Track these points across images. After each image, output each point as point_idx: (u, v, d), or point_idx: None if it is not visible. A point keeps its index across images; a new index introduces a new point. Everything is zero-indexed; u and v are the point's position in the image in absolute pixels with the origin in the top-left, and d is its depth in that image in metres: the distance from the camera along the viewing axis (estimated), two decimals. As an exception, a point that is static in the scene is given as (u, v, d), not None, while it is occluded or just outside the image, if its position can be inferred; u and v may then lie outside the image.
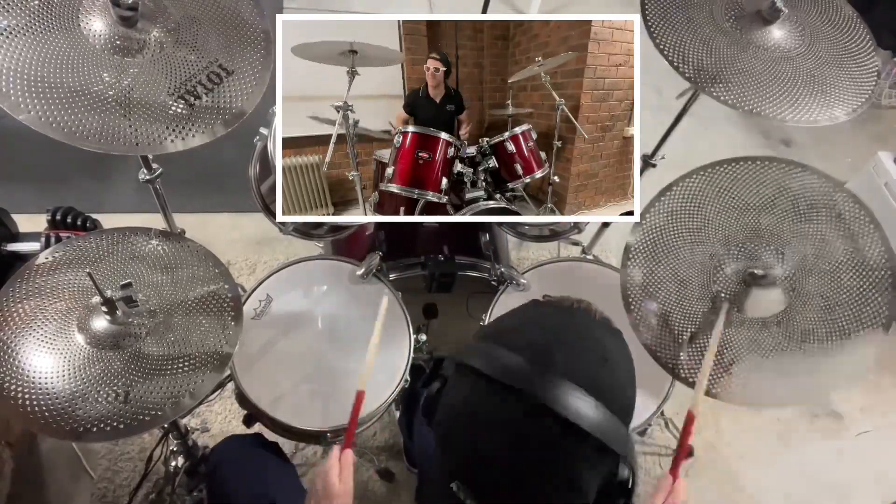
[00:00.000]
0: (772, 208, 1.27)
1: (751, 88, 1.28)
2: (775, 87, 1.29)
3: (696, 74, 1.29)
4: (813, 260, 1.22)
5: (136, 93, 1.11)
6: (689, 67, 1.30)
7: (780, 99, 1.28)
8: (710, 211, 1.30)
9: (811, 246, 1.23)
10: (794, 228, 1.25)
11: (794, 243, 1.23)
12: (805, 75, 1.30)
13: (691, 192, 1.32)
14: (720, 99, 1.27)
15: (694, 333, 1.24)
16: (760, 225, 1.26)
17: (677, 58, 1.30)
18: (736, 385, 1.20)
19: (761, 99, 1.28)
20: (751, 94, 1.28)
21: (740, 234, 1.27)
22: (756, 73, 1.30)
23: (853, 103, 1.29)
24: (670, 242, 1.30)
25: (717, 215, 1.29)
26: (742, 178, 1.30)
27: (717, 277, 1.25)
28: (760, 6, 1.33)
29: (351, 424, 1.09)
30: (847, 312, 1.19)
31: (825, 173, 1.29)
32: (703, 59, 1.30)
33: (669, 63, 1.29)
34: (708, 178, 1.32)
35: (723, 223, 1.28)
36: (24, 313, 1.08)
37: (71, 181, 2.32)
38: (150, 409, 1.03)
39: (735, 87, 1.28)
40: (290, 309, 1.46)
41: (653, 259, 1.30)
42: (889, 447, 2.20)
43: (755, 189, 1.29)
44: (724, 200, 1.30)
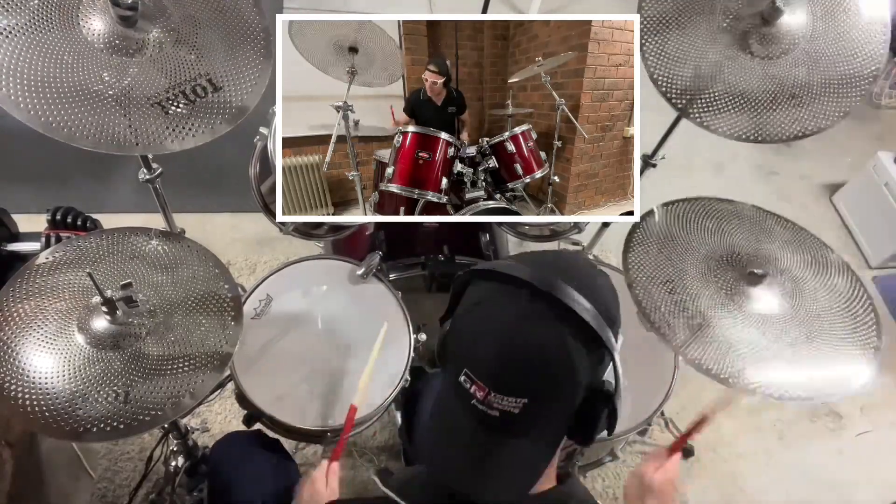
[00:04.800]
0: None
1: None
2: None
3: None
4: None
5: (136, 92, 1.11)
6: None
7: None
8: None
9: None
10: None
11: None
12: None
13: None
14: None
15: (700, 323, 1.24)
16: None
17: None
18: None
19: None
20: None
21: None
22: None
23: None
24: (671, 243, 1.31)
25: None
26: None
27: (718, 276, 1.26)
28: (760, 6, 1.33)
29: (341, 439, 1.14)
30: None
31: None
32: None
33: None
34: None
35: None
36: (24, 313, 1.08)
37: (71, 181, 2.32)
38: (150, 409, 1.03)
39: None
40: (290, 309, 1.46)
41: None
42: (889, 447, 2.20)
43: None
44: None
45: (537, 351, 0.73)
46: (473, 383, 0.74)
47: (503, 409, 0.73)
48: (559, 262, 0.80)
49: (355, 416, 1.19)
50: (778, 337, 1.21)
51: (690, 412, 2.12)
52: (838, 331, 1.23)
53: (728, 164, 2.92)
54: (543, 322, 0.73)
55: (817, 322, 1.23)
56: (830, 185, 2.90)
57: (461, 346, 0.79)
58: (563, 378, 0.73)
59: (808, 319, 1.23)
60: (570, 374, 0.73)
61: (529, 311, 0.73)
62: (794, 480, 2.09)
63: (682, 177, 2.72)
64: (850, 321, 1.24)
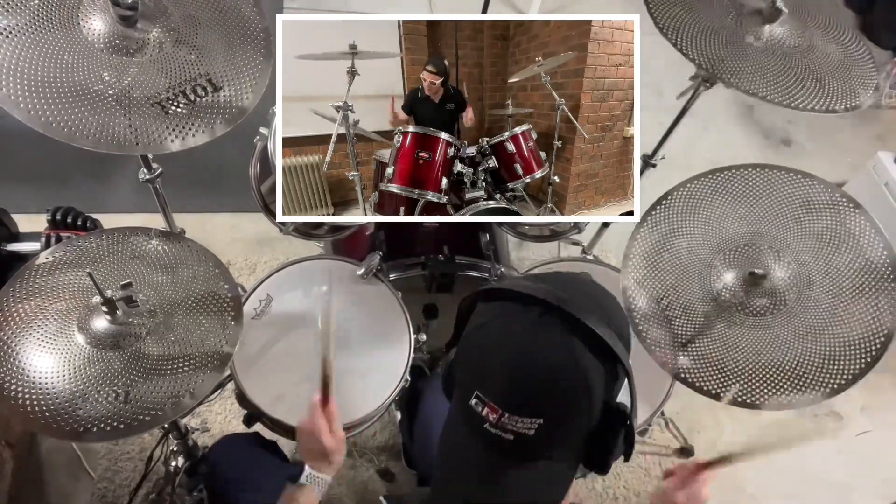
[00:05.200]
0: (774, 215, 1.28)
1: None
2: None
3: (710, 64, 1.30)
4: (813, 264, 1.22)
5: (136, 92, 1.11)
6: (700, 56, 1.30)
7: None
8: (709, 214, 1.31)
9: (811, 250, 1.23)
10: (795, 232, 1.25)
11: (794, 246, 1.24)
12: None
13: (692, 194, 1.33)
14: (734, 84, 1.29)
15: (694, 336, 1.24)
16: (761, 230, 1.27)
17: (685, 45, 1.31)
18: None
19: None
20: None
21: (739, 237, 1.28)
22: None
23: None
24: (670, 241, 1.30)
25: (717, 219, 1.30)
26: (743, 185, 1.33)
27: (718, 278, 1.25)
28: (760, 5, 1.33)
29: (325, 379, 1.04)
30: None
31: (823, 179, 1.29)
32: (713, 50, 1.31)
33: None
34: (708, 182, 1.35)
35: (722, 227, 1.29)
36: (24, 313, 1.08)
37: (71, 181, 2.32)
38: (150, 409, 1.03)
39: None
40: (290, 309, 1.46)
41: (653, 255, 1.30)
42: (889, 447, 2.20)
43: (756, 196, 1.31)
44: (724, 206, 1.31)
45: (551, 367, 0.69)
46: (485, 405, 0.70)
47: (518, 431, 0.69)
48: (563, 281, 0.78)
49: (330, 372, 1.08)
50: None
51: (690, 412, 2.12)
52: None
53: (728, 164, 2.92)
54: (556, 337, 0.69)
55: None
56: (830, 185, 2.90)
57: (470, 368, 0.75)
58: (580, 394, 0.70)
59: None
60: (587, 390, 0.70)
61: (540, 326, 0.70)
62: (794, 480, 2.09)
63: (682, 177, 2.72)
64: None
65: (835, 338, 1.18)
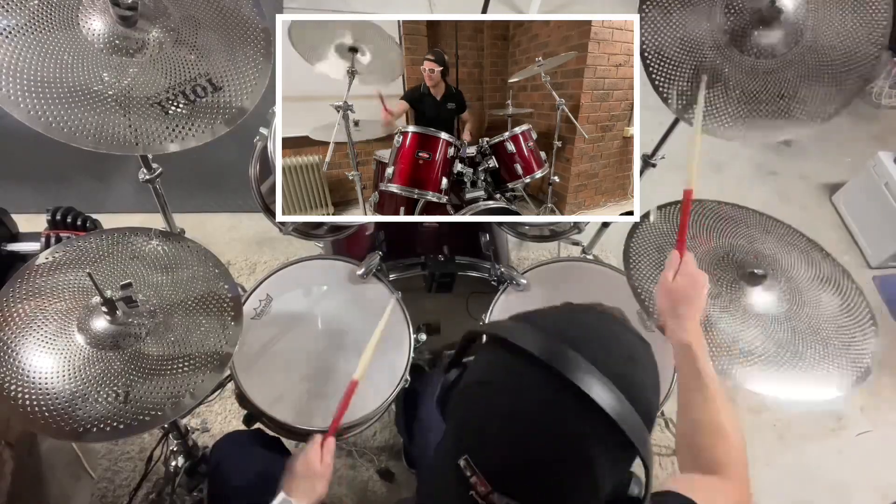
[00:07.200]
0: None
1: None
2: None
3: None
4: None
5: (136, 92, 1.11)
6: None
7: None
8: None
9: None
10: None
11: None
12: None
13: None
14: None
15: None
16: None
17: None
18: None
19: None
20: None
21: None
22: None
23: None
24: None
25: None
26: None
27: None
28: (760, 5, 1.33)
29: (339, 412, 1.10)
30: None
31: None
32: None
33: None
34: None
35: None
36: (24, 313, 1.08)
37: (71, 181, 2.32)
38: (150, 409, 1.03)
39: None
40: (290, 309, 1.46)
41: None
42: (889, 447, 2.20)
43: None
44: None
45: (556, 459, 0.63)
46: (475, 474, 0.65)
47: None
48: (592, 332, 0.69)
49: (355, 390, 1.14)
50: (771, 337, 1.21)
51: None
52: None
53: (728, 164, 2.92)
54: (568, 425, 0.62)
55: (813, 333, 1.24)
56: (830, 184, 2.90)
57: (465, 426, 0.70)
58: (580, 490, 0.64)
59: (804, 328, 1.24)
60: (593, 491, 0.64)
61: (553, 409, 0.63)
62: (794, 480, 2.09)
63: (681, 177, 2.72)
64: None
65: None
